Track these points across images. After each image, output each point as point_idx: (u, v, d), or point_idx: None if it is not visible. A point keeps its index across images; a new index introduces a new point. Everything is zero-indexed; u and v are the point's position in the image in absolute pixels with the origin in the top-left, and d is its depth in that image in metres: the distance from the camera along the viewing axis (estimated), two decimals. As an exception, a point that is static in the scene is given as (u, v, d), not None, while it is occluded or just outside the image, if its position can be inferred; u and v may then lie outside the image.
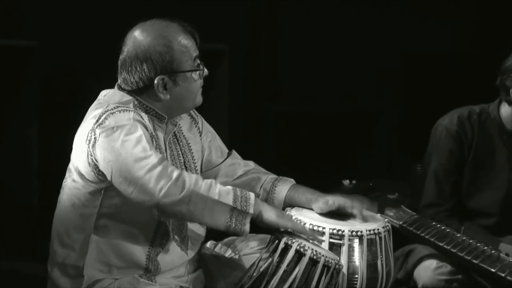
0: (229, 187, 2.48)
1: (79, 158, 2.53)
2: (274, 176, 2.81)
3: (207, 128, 2.86)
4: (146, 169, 2.40)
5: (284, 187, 2.75)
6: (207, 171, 2.82)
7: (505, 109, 3.31)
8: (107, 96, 2.60)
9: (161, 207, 2.42)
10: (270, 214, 2.50)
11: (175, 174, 2.41)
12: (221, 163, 2.84)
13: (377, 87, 5.36)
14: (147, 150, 2.43)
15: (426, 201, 3.34)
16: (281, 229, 2.51)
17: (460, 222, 3.30)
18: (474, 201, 3.36)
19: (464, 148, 3.33)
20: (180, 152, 2.72)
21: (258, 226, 2.53)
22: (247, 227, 2.46)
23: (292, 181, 2.79)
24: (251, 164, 2.86)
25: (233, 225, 2.45)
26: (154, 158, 2.42)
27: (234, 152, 2.88)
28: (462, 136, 3.32)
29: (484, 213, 3.35)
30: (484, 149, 3.34)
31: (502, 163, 3.35)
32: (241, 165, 2.84)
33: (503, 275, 2.93)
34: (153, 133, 2.58)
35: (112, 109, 2.50)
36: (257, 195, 2.73)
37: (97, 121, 2.47)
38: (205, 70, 2.64)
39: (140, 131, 2.46)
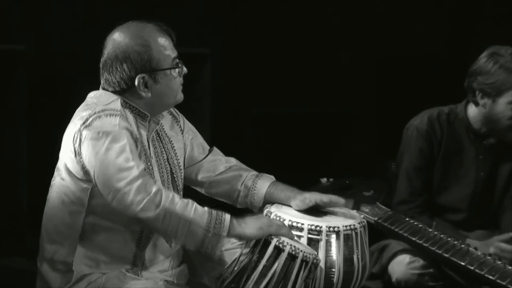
0: (206, 208, 2.46)
1: (67, 157, 2.55)
2: (255, 172, 2.85)
3: (189, 126, 2.88)
4: (126, 181, 2.41)
5: (264, 184, 2.79)
6: (190, 167, 2.86)
7: (472, 109, 3.35)
8: (95, 97, 2.62)
9: (138, 219, 2.44)
10: (251, 231, 2.50)
11: (154, 189, 2.42)
12: (203, 159, 2.86)
13: (353, 89, 5.41)
14: (129, 160, 2.44)
15: (398, 198, 3.38)
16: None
17: (431, 218, 3.35)
18: (444, 197, 3.40)
19: (434, 147, 3.37)
20: (163, 150, 2.74)
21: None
22: (218, 250, 2.46)
23: (272, 178, 2.83)
24: (232, 161, 2.89)
25: (204, 248, 2.44)
26: (135, 170, 2.43)
27: (215, 149, 2.91)
28: (432, 136, 3.36)
29: (453, 209, 3.40)
30: (452, 148, 3.38)
31: (470, 161, 3.39)
32: (222, 161, 2.87)
33: (472, 268, 2.97)
34: (137, 135, 2.60)
35: (99, 112, 2.51)
36: (238, 192, 2.80)
37: (83, 122, 2.49)
38: (184, 68, 2.67)
39: (124, 140, 2.47)
